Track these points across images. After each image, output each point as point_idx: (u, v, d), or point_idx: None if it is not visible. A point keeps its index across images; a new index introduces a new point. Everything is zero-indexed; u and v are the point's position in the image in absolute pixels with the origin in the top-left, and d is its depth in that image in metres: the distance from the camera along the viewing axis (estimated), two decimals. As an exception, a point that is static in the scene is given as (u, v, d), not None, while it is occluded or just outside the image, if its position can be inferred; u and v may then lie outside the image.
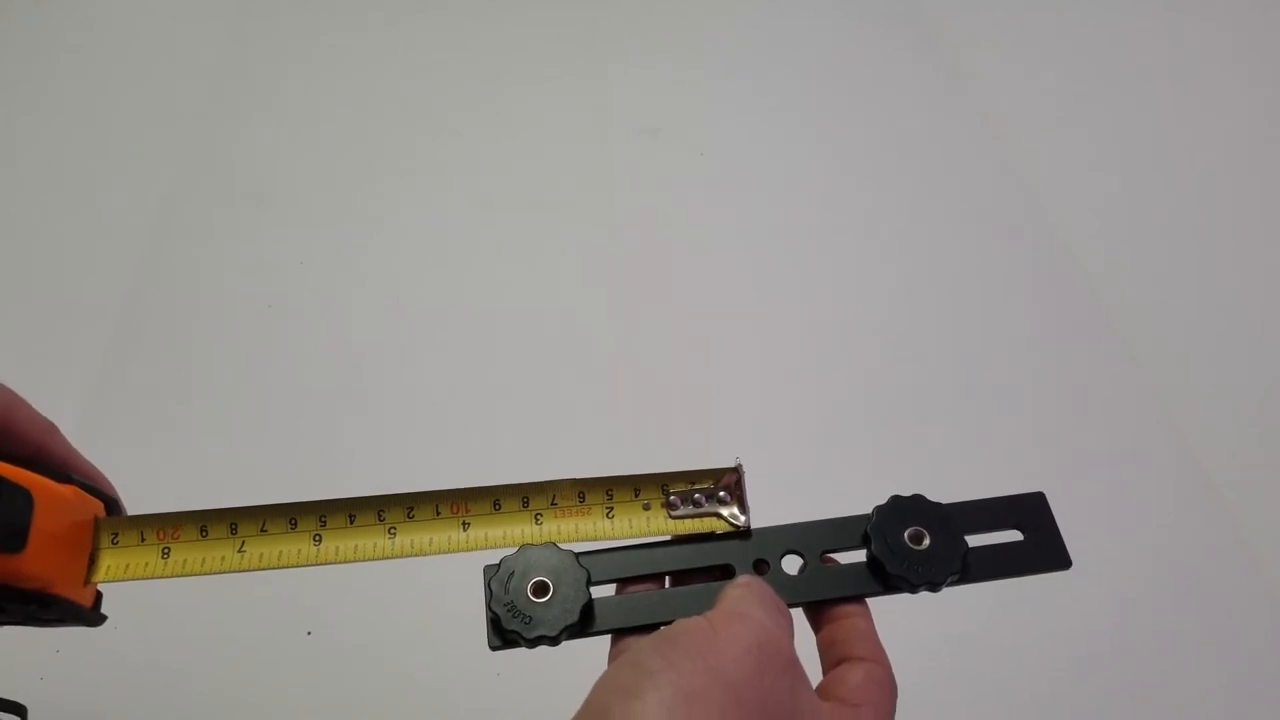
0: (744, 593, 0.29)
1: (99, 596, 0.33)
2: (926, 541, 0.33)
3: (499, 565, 0.32)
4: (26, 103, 0.96)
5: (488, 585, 0.32)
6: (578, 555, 0.32)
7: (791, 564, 0.34)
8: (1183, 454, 0.71)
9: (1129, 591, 0.64)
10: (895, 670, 0.31)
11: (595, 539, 0.33)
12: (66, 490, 0.31)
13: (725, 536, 0.34)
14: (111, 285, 0.80)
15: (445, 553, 0.33)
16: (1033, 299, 0.81)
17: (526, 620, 0.31)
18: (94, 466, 0.34)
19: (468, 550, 0.32)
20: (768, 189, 0.90)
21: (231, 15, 1.06)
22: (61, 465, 0.33)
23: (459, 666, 0.57)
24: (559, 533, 0.33)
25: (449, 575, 0.32)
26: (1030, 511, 0.35)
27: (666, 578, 0.34)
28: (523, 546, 0.32)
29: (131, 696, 0.58)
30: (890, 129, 0.96)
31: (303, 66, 1.01)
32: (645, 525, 0.33)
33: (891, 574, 0.33)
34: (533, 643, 0.31)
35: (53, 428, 0.33)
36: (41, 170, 0.90)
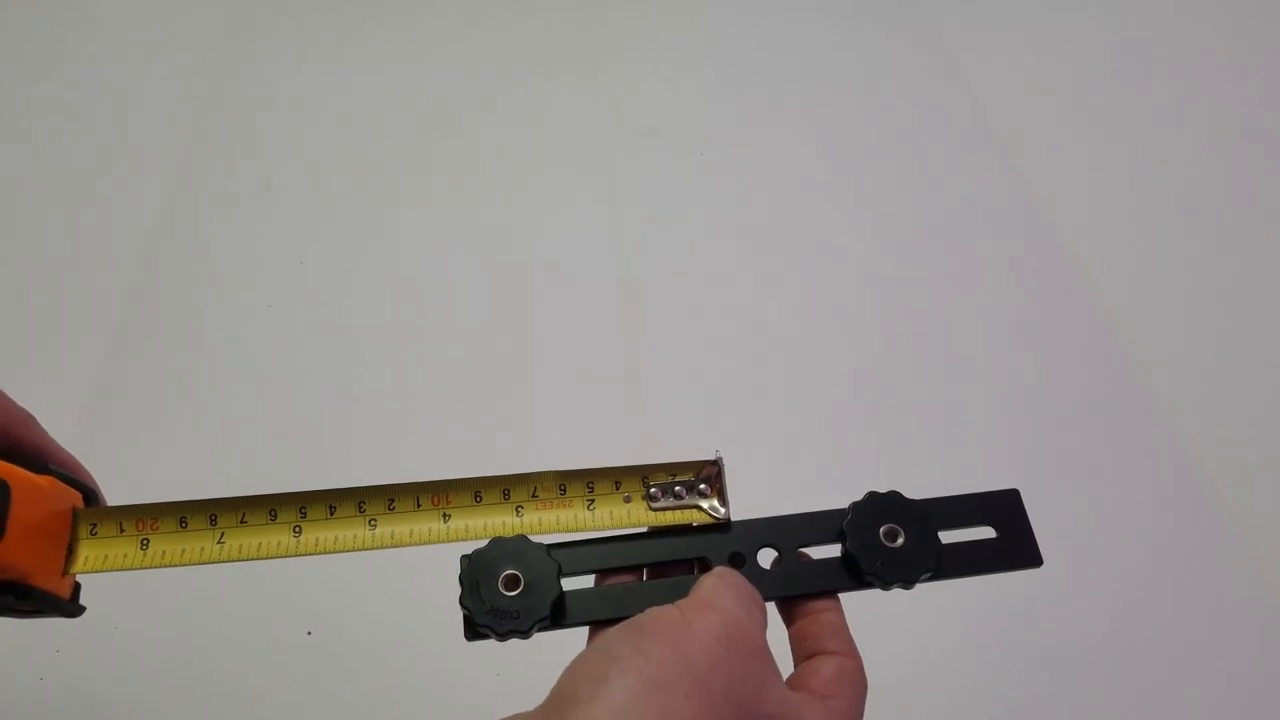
0: (717, 583, 0.29)
1: (78, 587, 0.33)
2: (901, 539, 0.33)
3: (470, 558, 0.32)
4: (27, 102, 0.96)
5: (460, 579, 0.32)
6: (549, 548, 0.32)
7: (766, 557, 0.34)
8: (1183, 454, 0.70)
9: (1129, 591, 0.63)
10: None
11: (576, 530, 0.33)
12: (43, 481, 0.31)
13: (704, 529, 0.34)
14: (112, 284, 0.80)
15: (425, 544, 0.32)
16: (1032, 298, 0.81)
17: (498, 613, 0.31)
18: (72, 456, 0.34)
19: (448, 541, 0.32)
20: (767, 189, 0.90)
21: (231, 15, 1.06)
22: (39, 455, 0.33)
23: (459, 666, 0.57)
24: (540, 524, 0.33)
25: (450, 575, 0.32)
26: (1004, 509, 0.35)
27: (642, 570, 0.34)
28: (494, 539, 0.32)
29: (131, 697, 0.58)
30: (890, 128, 0.96)
31: (303, 66, 1.01)
32: (626, 517, 0.33)
33: (865, 571, 0.32)
34: (503, 636, 0.31)
35: (29, 418, 0.33)
36: (42, 170, 0.90)
